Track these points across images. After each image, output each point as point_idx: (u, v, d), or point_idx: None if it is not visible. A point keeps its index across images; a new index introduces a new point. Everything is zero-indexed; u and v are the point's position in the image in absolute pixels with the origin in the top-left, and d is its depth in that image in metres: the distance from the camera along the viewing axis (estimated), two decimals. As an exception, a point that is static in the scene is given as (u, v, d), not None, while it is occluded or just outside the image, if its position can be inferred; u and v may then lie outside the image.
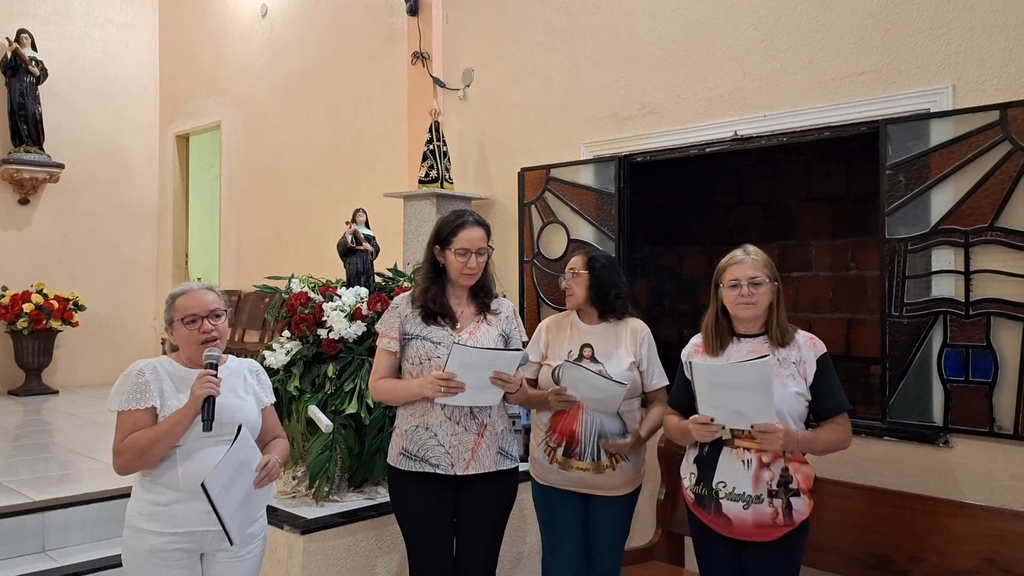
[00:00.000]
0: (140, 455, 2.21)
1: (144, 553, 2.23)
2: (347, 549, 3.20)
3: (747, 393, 2.31)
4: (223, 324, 2.38)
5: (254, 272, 6.61)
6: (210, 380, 2.23)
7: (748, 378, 2.31)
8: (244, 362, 2.52)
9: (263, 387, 2.51)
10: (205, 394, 2.21)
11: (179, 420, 2.22)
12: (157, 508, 2.24)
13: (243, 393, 2.41)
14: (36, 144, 7.43)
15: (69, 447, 4.90)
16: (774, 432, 2.32)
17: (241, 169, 7.34)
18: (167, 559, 2.23)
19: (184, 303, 2.35)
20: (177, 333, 2.35)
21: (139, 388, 2.26)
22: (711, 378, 2.35)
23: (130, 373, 2.31)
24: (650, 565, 3.48)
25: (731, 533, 2.47)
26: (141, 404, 2.25)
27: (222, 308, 2.40)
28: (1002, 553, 2.72)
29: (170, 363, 2.37)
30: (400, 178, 5.51)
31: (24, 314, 7.02)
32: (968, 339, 3.00)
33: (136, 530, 2.26)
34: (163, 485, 2.25)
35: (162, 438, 2.21)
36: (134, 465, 2.24)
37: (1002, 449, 2.94)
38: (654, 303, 5.02)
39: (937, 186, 3.09)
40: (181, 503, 2.24)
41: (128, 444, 2.22)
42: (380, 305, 3.45)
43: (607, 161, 4.23)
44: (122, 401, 2.26)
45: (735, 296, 2.49)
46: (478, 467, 2.61)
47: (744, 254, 2.53)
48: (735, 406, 2.34)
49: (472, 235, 2.63)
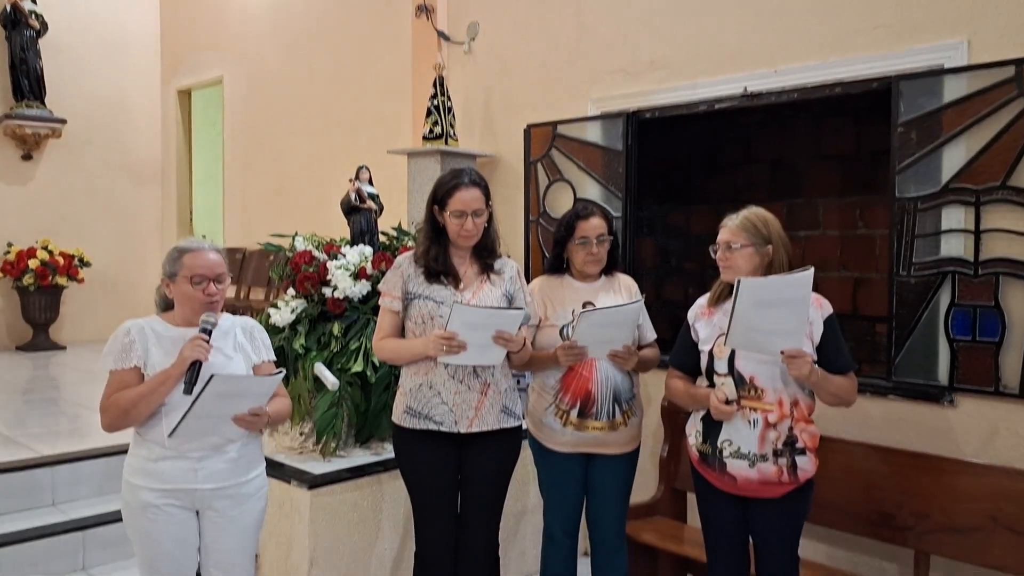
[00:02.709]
0: (124, 413, 2.22)
1: (138, 508, 2.26)
2: (354, 503, 3.23)
3: (784, 312, 2.28)
4: (225, 288, 2.37)
5: (258, 229, 6.59)
6: (201, 344, 2.22)
7: (792, 291, 2.28)
8: (238, 320, 2.50)
9: (255, 345, 2.48)
10: (193, 357, 2.20)
11: (164, 380, 2.22)
12: (147, 464, 2.26)
13: (231, 351, 2.39)
14: (38, 99, 7.37)
15: (77, 402, 4.95)
16: (803, 356, 2.33)
17: (244, 125, 7.28)
18: (160, 514, 2.25)
19: (193, 261, 2.31)
20: (179, 289, 2.32)
21: (124, 348, 2.27)
22: (758, 295, 2.30)
23: (119, 332, 2.30)
24: (653, 520, 3.52)
25: (736, 490, 2.49)
26: (126, 363, 2.26)
27: (226, 272, 2.38)
28: (1005, 511, 2.74)
29: (159, 323, 2.35)
30: (404, 135, 5.45)
31: (30, 270, 7.04)
32: (976, 299, 2.98)
33: (130, 485, 2.28)
34: (151, 441, 2.26)
35: (145, 397, 2.21)
36: (119, 423, 2.25)
37: (1007, 408, 2.94)
38: (661, 262, 5.00)
39: (949, 144, 3.04)
40: (168, 460, 2.25)
41: (112, 402, 2.23)
42: (384, 264, 3.44)
43: (615, 117, 4.17)
44: (111, 360, 2.27)
45: (716, 259, 2.54)
46: (482, 425, 2.62)
47: (732, 218, 2.54)
48: (769, 327, 2.30)
49: (467, 196, 2.59)
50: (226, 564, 2.38)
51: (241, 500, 2.36)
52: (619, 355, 2.75)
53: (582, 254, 2.88)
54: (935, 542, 2.88)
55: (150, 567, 2.30)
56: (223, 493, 2.32)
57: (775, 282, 2.34)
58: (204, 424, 2.22)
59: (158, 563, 2.29)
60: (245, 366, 2.41)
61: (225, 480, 2.32)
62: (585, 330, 2.69)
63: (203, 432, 2.25)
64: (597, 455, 2.89)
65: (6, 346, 7.33)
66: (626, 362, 2.78)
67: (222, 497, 2.32)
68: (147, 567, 2.31)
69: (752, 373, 2.43)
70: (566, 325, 2.83)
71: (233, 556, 2.39)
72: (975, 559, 2.80)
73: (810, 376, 2.36)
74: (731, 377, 2.46)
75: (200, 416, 2.18)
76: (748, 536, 2.60)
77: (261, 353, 2.50)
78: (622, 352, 2.76)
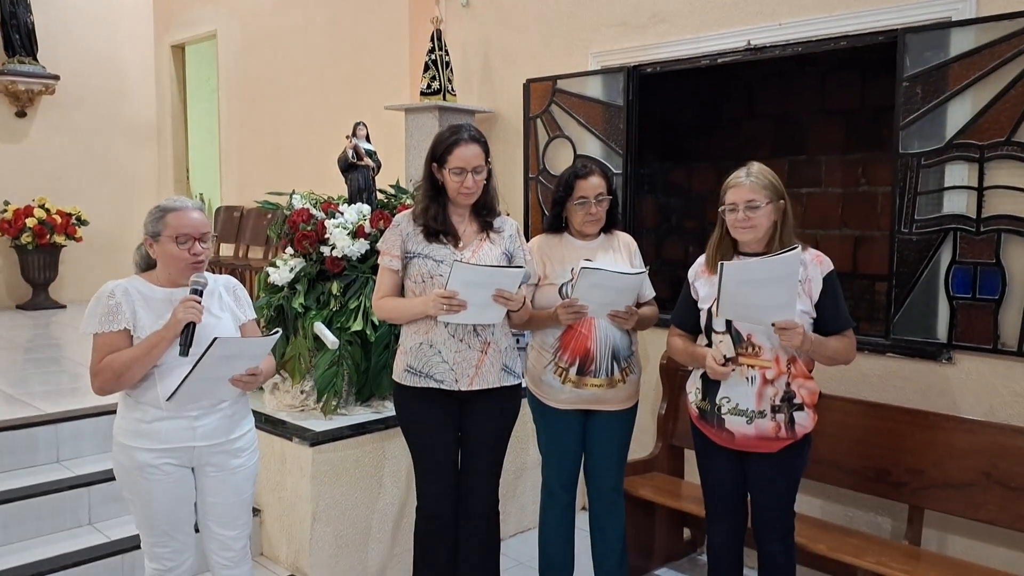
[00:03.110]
0: (117, 377, 2.21)
1: (134, 468, 2.26)
2: (356, 460, 3.27)
3: (772, 288, 2.29)
4: (209, 248, 2.34)
5: (256, 187, 6.54)
6: (193, 306, 2.20)
7: (778, 271, 2.28)
8: (220, 279, 2.48)
9: (240, 304, 2.47)
10: (187, 319, 2.18)
11: (157, 343, 2.20)
12: (141, 426, 2.26)
13: (218, 311, 2.38)
14: (30, 55, 7.26)
15: (79, 361, 4.96)
16: (795, 328, 2.33)
17: (239, 82, 7.18)
18: (158, 473, 2.27)
19: (176, 221, 2.27)
20: (163, 249, 2.28)
21: (111, 310, 2.24)
22: (742, 276, 2.31)
23: (101, 295, 2.27)
24: (651, 476, 3.56)
25: (734, 446, 2.51)
26: (114, 326, 2.23)
27: (210, 231, 2.35)
28: (999, 467, 2.77)
29: (143, 283, 2.32)
30: (401, 90, 5.38)
31: (28, 229, 7.01)
32: (977, 256, 2.97)
33: (123, 447, 2.28)
34: (146, 404, 2.26)
35: (139, 360, 2.20)
36: (112, 386, 2.24)
37: (1004, 366, 2.95)
38: (661, 220, 4.97)
39: (955, 99, 3.00)
40: (164, 420, 2.25)
41: (104, 366, 2.21)
42: (383, 223, 3.42)
43: (615, 72, 4.11)
44: (96, 323, 2.24)
45: (732, 220, 2.46)
46: (482, 383, 2.63)
47: (745, 175, 2.47)
48: (759, 302, 2.32)
49: (467, 153, 2.56)
50: (227, 517, 2.42)
51: (236, 454, 2.39)
52: (619, 315, 2.76)
53: (581, 214, 2.86)
54: (929, 497, 2.91)
55: (149, 526, 2.33)
56: (219, 448, 2.35)
57: (758, 264, 2.34)
58: (202, 387, 2.22)
59: (156, 521, 2.31)
60: (233, 325, 2.41)
61: (221, 436, 2.34)
62: (585, 288, 2.68)
63: (201, 395, 2.26)
64: (596, 412, 2.91)
65: (6, 305, 7.33)
66: (626, 322, 2.78)
67: (218, 452, 2.35)
68: (146, 526, 2.33)
69: (750, 330, 2.43)
70: (565, 284, 2.83)
71: (233, 509, 2.42)
72: (968, 514, 2.84)
73: (803, 345, 2.37)
74: (729, 335, 2.46)
75: (199, 379, 2.18)
76: (745, 491, 2.63)
77: (247, 312, 2.50)
78: (622, 312, 2.76)
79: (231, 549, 2.45)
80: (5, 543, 3.08)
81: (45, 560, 2.97)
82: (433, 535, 2.74)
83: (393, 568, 3.40)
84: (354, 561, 3.28)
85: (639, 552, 3.41)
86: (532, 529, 3.68)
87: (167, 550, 2.34)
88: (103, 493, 3.33)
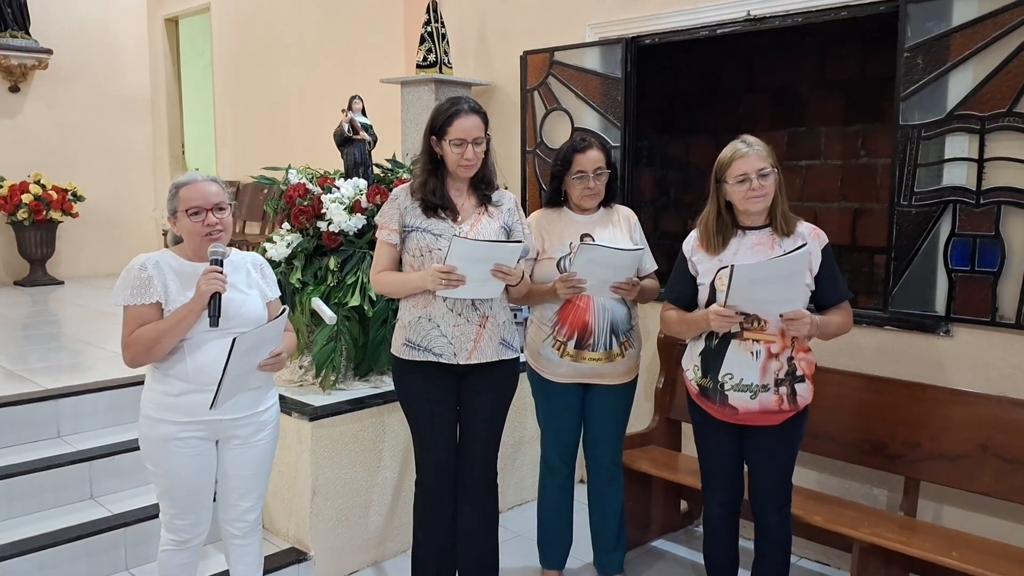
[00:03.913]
0: (148, 349, 2.24)
1: (159, 441, 2.31)
2: (354, 435, 3.28)
3: (781, 284, 2.32)
4: (227, 217, 2.36)
5: (251, 162, 6.50)
6: (216, 276, 2.23)
7: (788, 269, 2.31)
8: (248, 256, 2.51)
9: (267, 281, 2.51)
10: (211, 290, 2.22)
11: (185, 315, 2.24)
12: (169, 399, 2.29)
13: (246, 287, 2.41)
14: (22, 28, 7.19)
15: (78, 337, 4.97)
16: (802, 318, 2.35)
17: (233, 55, 7.11)
18: (182, 446, 2.30)
19: (188, 194, 2.31)
20: (180, 224, 2.33)
21: (143, 283, 2.27)
22: (754, 276, 2.32)
23: (132, 268, 2.30)
24: (648, 449, 3.58)
25: (736, 420, 2.52)
26: (146, 299, 2.26)
27: (226, 201, 2.37)
28: (995, 439, 2.78)
29: (173, 257, 2.36)
30: (397, 63, 5.33)
31: (23, 205, 6.98)
32: (977, 228, 2.96)
33: (151, 419, 2.32)
34: (174, 377, 2.29)
35: (168, 332, 2.23)
36: (143, 359, 2.27)
37: (1002, 338, 2.95)
38: (659, 193, 4.95)
39: (956, 69, 2.97)
40: (192, 393, 2.28)
41: (135, 338, 2.25)
42: (380, 197, 3.40)
43: (613, 44, 4.06)
44: (127, 296, 2.27)
45: (745, 191, 2.43)
46: (480, 357, 2.63)
47: (747, 146, 2.46)
48: (767, 297, 2.34)
49: (467, 124, 2.55)
50: (246, 488, 2.46)
51: (260, 427, 2.43)
52: (621, 287, 2.75)
53: (579, 188, 2.84)
54: (925, 469, 2.93)
55: (171, 498, 2.37)
56: (244, 422, 2.38)
57: (769, 265, 2.35)
58: (236, 384, 2.26)
59: (179, 493, 2.35)
60: (261, 302, 2.44)
61: (247, 410, 2.38)
62: (583, 264, 2.67)
63: (236, 390, 2.29)
64: (594, 385, 2.92)
65: (4, 282, 7.32)
66: (628, 293, 2.78)
67: (243, 426, 2.38)
68: (168, 498, 2.37)
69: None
70: (564, 258, 2.82)
71: (253, 481, 2.47)
72: (964, 485, 2.86)
73: (810, 332, 2.40)
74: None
75: (232, 379, 2.21)
76: (743, 463, 2.65)
77: (273, 289, 2.53)
78: (624, 284, 2.75)
79: (245, 520, 2.50)
80: (8, 517, 3.10)
81: (48, 533, 2.99)
82: (432, 508, 2.76)
83: (393, 540, 3.44)
84: (354, 533, 3.31)
85: (636, 524, 3.44)
86: (531, 501, 3.71)
87: (186, 522, 2.39)
88: (104, 468, 3.35)
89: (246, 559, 2.55)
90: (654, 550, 3.54)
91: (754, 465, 2.62)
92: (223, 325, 2.25)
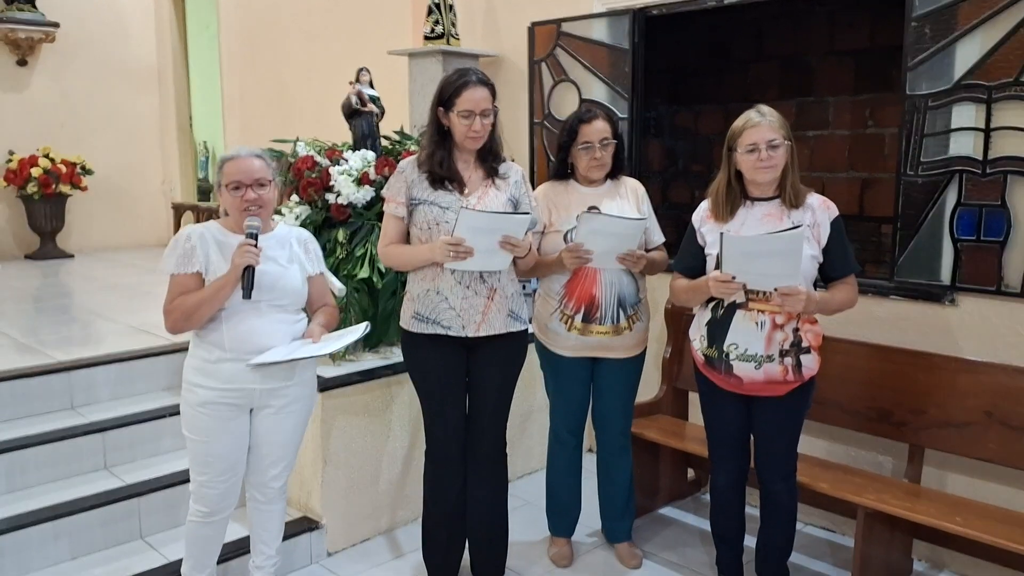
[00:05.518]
0: (187, 317, 2.34)
1: (196, 405, 2.39)
2: (364, 405, 3.32)
3: (776, 260, 2.32)
4: (268, 193, 2.42)
5: (259, 134, 6.48)
6: (249, 250, 2.30)
7: (781, 247, 2.32)
8: (293, 231, 2.59)
9: (310, 256, 2.57)
10: (244, 263, 2.29)
11: (221, 287, 2.32)
12: (207, 364, 2.38)
13: (285, 262, 2.46)
14: (29, 2, 7.16)
15: (88, 309, 5.01)
16: (797, 294, 2.35)
17: (239, 26, 7.06)
18: (217, 411, 2.38)
19: (230, 169, 2.39)
20: (223, 198, 2.42)
21: (186, 253, 2.36)
22: (744, 248, 2.34)
23: (179, 238, 2.40)
24: (656, 418, 3.62)
25: (741, 390, 2.54)
26: (188, 268, 2.36)
27: (268, 177, 2.43)
28: (1001, 407, 2.80)
29: (219, 229, 2.43)
30: (404, 35, 5.29)
31: (33, 179, 7.00)
32: (983, 198, 2.96)
33: (189, 384, 2.41)
34: (211, 343, 2.37)
35: (206, 302, 2.32)
36: (182, 326, 2.37)
37: (1008, 307, 2.96)
38: (667, 164, 4.94)
39: (964, 38, 2.95)
40: (227, 361, 2.36)
41: (175, 306, 2.35)
42: (388, 169, 3.41)
43: (621, 15, 4.03)
44: (172, 264, 2.37)
45: (754, 160, 2.44)
46: (488, 329, 2.65)
47: (759, 116, 2.45)
48: (762, 271, 2.35)
49: (476, 95, 2.55)
50: (276, 456, 2.53)
51: (296, 398, 2.49)
52: (628, 257, 2.75)
53: (585, 159, 2.84)
54: (930, 437, 2.96)
55: (204, 463, 2.43)
56: (279, 392, 2.45)
57: (759, 240, 2.35)
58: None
59: (211, 459, 2.42)
60: (300, 276, 2.50)
61: (282, 380, 2.44)
62: (585, 235, 2.68)
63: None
64: (602, 359, 2.94)
65: (15, 255, 7.36)
66: (635, 264, 2.78)
67: (278, 396, 2.45)
68: (200, 463, 2.44)
69: (759, 276, 2.44)
70: (570, 230, 2.83)
71: (283, 450, 2.54)
72: (969, 452, 2.89)
73: (807, 309, 2.39)
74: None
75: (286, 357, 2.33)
76: (749, 432, 2.68)
77: (316, 265, 2.58)
78: (630, 254, 2.75)
79: (271, 487, 2.57)
80: (24, 487, 3.16)
81: (63, 503, 3.05)
82: (442, 478, 2.80)
83: (403, 509, 3.49)
84: (365, 502, 3.37)
85: (644, 492, 3.49)
86: (540, 470, 3.75)
87: (215, 491, 2.45)
88: (118, 439, 3.40)
89: (268, 525, 2.62)
90: (662, 517, 3.59)
91: (760, 435, 2.65)
92: (256, 297, 2.32)
